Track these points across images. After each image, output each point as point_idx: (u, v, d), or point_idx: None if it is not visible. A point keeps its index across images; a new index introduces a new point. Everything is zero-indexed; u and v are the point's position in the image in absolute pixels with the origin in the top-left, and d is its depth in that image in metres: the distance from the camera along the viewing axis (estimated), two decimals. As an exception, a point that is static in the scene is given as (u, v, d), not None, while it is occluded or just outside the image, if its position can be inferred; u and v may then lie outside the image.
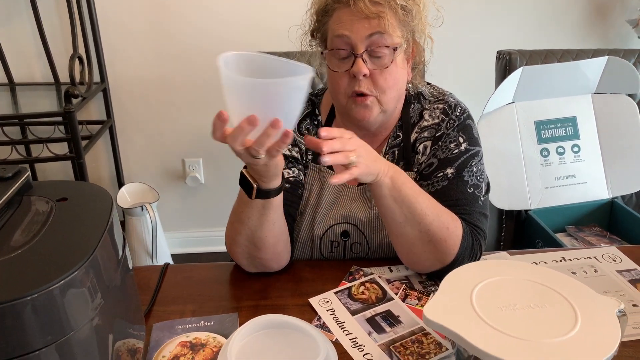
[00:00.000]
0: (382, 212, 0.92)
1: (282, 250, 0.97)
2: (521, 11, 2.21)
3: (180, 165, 2.37)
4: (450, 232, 0.92)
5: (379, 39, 0.92)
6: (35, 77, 2.13)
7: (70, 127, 1.74)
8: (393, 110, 1.01)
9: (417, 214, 0.89)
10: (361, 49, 0.92)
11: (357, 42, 0.92)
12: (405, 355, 0.79)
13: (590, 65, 1.54)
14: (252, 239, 0.92)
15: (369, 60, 0.93)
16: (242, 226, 0.91)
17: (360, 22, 0.91)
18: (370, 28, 0.91)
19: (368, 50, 0.92)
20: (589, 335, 0.64)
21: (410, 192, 0.89)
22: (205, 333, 0.83)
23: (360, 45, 0.92)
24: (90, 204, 0.65)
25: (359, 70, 0.91)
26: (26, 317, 0.49)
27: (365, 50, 0.92)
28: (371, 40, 0.92)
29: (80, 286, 0.53)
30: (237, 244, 0.94)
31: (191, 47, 2.17)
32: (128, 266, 0.70)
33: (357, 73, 0.92)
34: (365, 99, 0.94)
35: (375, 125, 1.02)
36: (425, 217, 0.90)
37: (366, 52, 0.92)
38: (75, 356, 0.55)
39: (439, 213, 0.92)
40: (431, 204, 0.91)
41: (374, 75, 0.93)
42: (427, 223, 0.90)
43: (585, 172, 1.58)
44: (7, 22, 2.04)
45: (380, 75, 0.93)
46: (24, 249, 0.55)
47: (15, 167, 0.67)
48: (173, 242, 2.45)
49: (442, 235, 0.91)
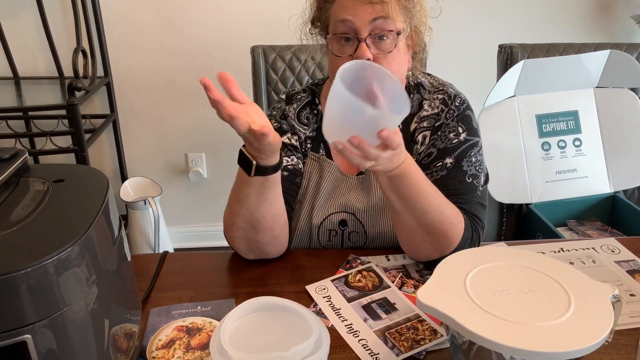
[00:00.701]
0: (384, 195, 0.92)
1: (280, 234, 0.97)
2: (526, 5, 2.21)
3: (183, 160, 2.38)
4: (452, 227, 0.91)
5: (382, 24, 0.92)
6: (39, 71, 2.15)
7: (74, 120, 1.76)
8: None
9: (416, 209, 0.89)
10: (364, 33, 0.92)
11: (361, 27, 0.92)
12: (400, 341, 0.79)
13: (592, 58, 1.53)
14: (250, 220, 0.92)
15: (372, 45, 0.94)
16: (240, 207, 0.91)
17: (363, 7, 0.91)
18: (373, 12, 0.91)
19: (371, 34, 0.93)
20: (582, 320, 0.65)
21: (412, 192, 0.87)
22: (202, 318, 0.83)
23: (363, 30, 0.92)
24: (87, 185, 0.65)
25: (363, 55, 0.92)
26: (21, 290, 0.49)
27: (368, 35, 0.93)
28: (375, 25, 0.92)
29: (73, 262, 0.53)
30: (236, 227, 0.94)
31: (195, 41, 2.18)
32: (124, 249, 0.70)
33: (361, 57, 0.92)
34: None
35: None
36: (425, 213, 0.89)
37: (369, 36, 0.93)
38: (70, 335, 0.56)
39: (444, 210, 0.90)
40: (437, 201, 0.90)
41: (378, 59, 0.94)
42: (428, 218, 0.89)
43: (586, 166, 1.58)
44: (12, 16, 2.06)
45: (384, 60, 0.94)
46: (20, 225, 0.55)
47: (13, 149, 0.67)
48: (175, 236, 2.47)
49: (442, 230, 0.91)
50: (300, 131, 1.07)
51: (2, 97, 1.96)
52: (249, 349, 0.59)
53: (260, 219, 0.92)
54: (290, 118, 1.08)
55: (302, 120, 1.08)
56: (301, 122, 1.08)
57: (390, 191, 0.88)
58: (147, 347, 0.77)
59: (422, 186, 0.88)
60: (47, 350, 0.53)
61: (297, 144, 1.07)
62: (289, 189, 1.03)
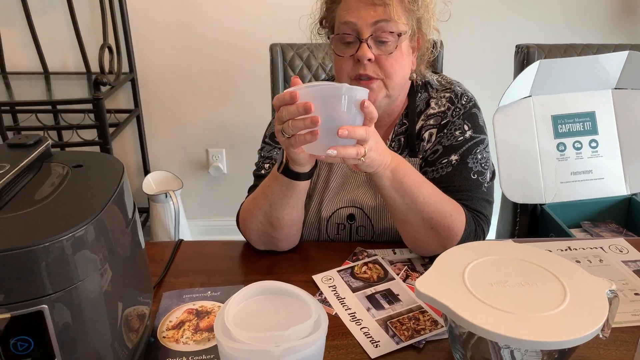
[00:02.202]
0: (385, 200, 0.94)
1: (295, 234, 1.01)
2: (548, 6, 2.20)
3: (204, 155, 2.44)
4: (453, 219, 0.94)
5: (384, 26, 0.94)
6: (68, 67, 2.23)
7: (99, 114, 1.82)
8: (397, 97, 1.03)
9: (419, 203, 0.91)
10: (366, 34, 0.95)
11: (363, 28, 0.95)
12: (401, 330, 0.82)
13: (610, 59, 1.52)
14: (270, 216, 0.96)
15: (374, 46, 0.96)
16: (264, 201, 0.95)
17: (366, 9, 0.94)
18: (375, 15, 0.94)
19: (373, 35, 0.95)
20: (576, 311, 0.66)
21: (412, 184, 0.91)
22: (211, 302, 0.87)
23: (365, 31, 0.95)
24: (103, 171, 0.69)
25: (364, 55, 0.94)
26: (39, 263, 0.53)
27: (370, 36, 0.95)
28: (376, 27, 0.95)
29: (88, 240, 0.57)
30: (254, 219, 0.98)
31: (216, 39, 2.23)
32: (138, 233, 0.74)
33: (362, 57, 0.94)
34: (371, 82, 0.97)
35: (379, 111, 1.05)
36: (427, 205, 0.92)
37: (371, 37, 0.95)
38: (83, 311, 0.59)
39: (442, 201, 0.93)
40: (434, 192, 0.93)
41: (380, 60, 0.96)
42: (430, 211, 0.92)
43: (602, 168, 1.56)
44: (43, 14, 2.14)
45: (386, 61, 0.96)
46: (41, 205, 0.60)
47: (37, 136, 0.72)
48: (195, 229, 2.52)
49: (444, 223, 0.93)
50: None
51: (32, 91, 2.04)
52: (251, 328, 0.62)
53: (279, 219, 0.95)
54: None
55: None
56: None
57: (395, 190, 0.91)
58: (158, 327, 0.81)
59: (419, 176, 0.93)
60: (62, 323, 0.57)
61: None
62: None
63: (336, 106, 0.76)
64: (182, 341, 0.78)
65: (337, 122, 0.76)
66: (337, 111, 0.76)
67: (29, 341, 0.55)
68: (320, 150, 0.79)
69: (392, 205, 0.93)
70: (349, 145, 0.79)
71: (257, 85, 2.27)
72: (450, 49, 1.63)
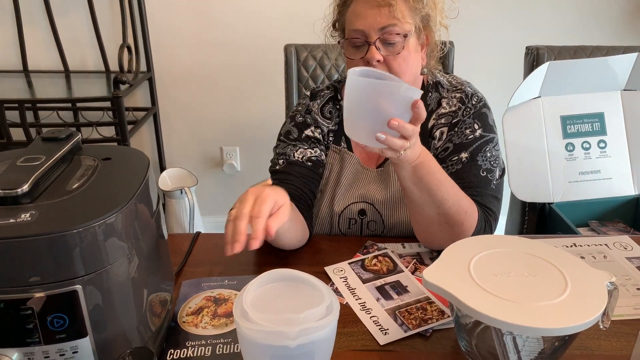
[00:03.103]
0: (402, 188, 0.96)
1: (297, 243, 1.04)
2: (559, 8, 2.21)
3: (219, 153, 2.49)
4: (467, 216, 0.97)
5: (390, 29, 0.99)
6: (88, 66, 2.29)
7: (118, 111, 1.88)
8: None
9: (436, 200, 0.94)
10: (374, 37, 0.99)
11: (370, 32, 0.99)
12: (409, 319, 0.85)
13: (619, 61, 1.55)
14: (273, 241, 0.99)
15: (382, 47, 1.00)
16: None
17: (372, 12, 0.98)
18: (381, 21, 0.98)
19: (380, 38, 0.99)
20: (576, 302, 0.69)
21: (432, 182, 0.92)
22: (228, 290, 0.91)
23: (373, 34, 0.99)
24: (130, 164, 0.74)
25: (372, 57, 0.99)
26: (73, 247, 0.58)
27: (377, 38, 0.99)
28: (383, 31, 0.99)
29: (117, 227, 0.62)
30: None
31: (232, 40, 2.28)
32: (161, 223, 0.79)
33: (371, 59, 0.99)
34: None
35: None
36: (444, 202, 0.94)
37: (379, 39, 0.99)
38: (113, 293, 0.64)
39: (460, 199, 0.96)
40: (453, 191, 0.95)
41: (388, 60, 1.00)
42: (447, 207, 0.95)
43: (611, 168, 1.59)
44: (64, 14, 2.20)
45: (394, 61, 1.00)
46: (73, 194, 0.64)
47: (68, 130, 0.77)
48: (209, 225, 2.57)
49: (459, 219, 0.96)
50: (323, 125, 1.14)
51: (53, 89, 2.11)
52: (267, 312, 0.66)
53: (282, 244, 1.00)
54: (314, 112, 1.16)
55: (325, 115, 1.15)
56: (324, 116, 1.15)
57: (413, 184, 0.93)
58: (179, 313, 0.86)
59: (441, 174, 0.94)
60: (94, 304, 0.62)
61: (320, 136, 1.14)
62: (313, 179, 1.10)
63: (391, 101, 0.81)
64: (201, 326, 0.83)
65: (388, 115, 0.81)
66: (391, 105, 0.81)
67: (64, 318, 0.60)
68: (368, 137, 0.83)
69: (409, 195, 0.96)
70: (396, 137, 0.83)
71: (272, 85, 2.32)
72: (460, 50, 1.66)
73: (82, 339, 0.62)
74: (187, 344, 0.79)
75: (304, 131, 1.14)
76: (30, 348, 0.60)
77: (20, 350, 0.60)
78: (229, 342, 0.79)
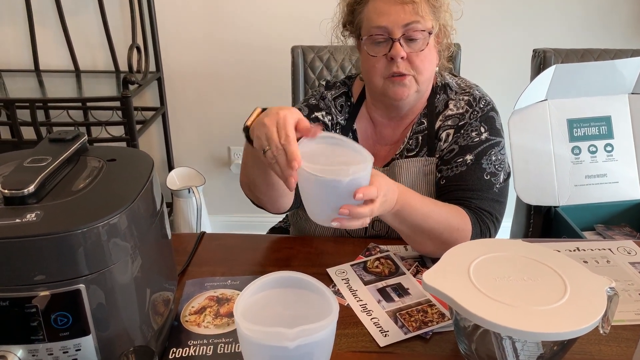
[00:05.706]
0: (394, 228, 0.99)
1: (278, 199, 1.03)
2: (567, 11, 2.20)
3: (226, 153, 2.51)
4: (460, 232, 0.98)
5: (414, 26, 1.00)
6: (98, 66, 2.32)
7: (127, 111, 1.90)
8: (424, 92, 1.09)
9: (425, 230, 0.96)
10: (398, 34, 1.00)
11: (394, 28, 1.00)
12: (409, 322, 0.86)
13: (627, 64, 1.54)
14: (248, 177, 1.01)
15: (405, 44, 1.01)
16: (244, 164, 1.01)
17: (395, 8, 0.99)
18: (405, 17, 0.99)
19: (405, 35, 1.00)
20: (574, 306, 0.69)
21: (419, 217, 0.94)
22: (231, 290, 0.92)
23: (397, 31, 1.00)
24: (135, 165, 0.75)
25: (397, 53, 1.00)
26: (77, 246, 0.59)
27: (402, 35, 1.00)
28: (407, 28, 1.00)
29: (120, 227, 0.63)
30: (243, 175, 1.05)
31: (240, 41, 2.29)
32: (165, 223, 0.80)
33: (396, 56, 1.00)
34: (404, 78, 1.02)
35: (408, 106, 1.10)
36: (434, 230, 0.96)
37: (403, 36, 1.01)
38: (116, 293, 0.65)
39: (449, 220, 0.97)
40: (442, 216, 0.97)
41: (411, 57, 1.02)
42: (437, 233, 0.97)
43: (617, 172, 1.58)
44: (75, 15, 2.23)
45: (417, 58, 1.02)
46: (78, 195, 0.66)
47: (74, 132, 0.78)
48: (216, 224, 2.59)
49: (452, 237, 0.97)
50: (334, 113, 1.16)
51: (64, 89, 2.14)
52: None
53: (256, 183, 1.00)
54: (328, 100, 1.17)
55: (337, 105, 1.17)
56: (336, 106, 1.16)
57: (399, 224, 0.96)
58: (182, 312, 0.87)
59: (425, 207, 0.95)
60: (97, 302, 0.63)
61: (330, 123, 1.15)
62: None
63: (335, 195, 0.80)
64: (203, 325, 0.84)
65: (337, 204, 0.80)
66: (339, 197, 0.80)
67: (68, 316, 0.61)
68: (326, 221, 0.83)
69: (397, 230, 0.99)
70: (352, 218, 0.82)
71: (279, 86, 2.33)
72: (467, 52, 1.66)
73: (85, 337, 0.63)
74: (189, 343, 0.80)
75: (315, 112, 1.15)
76: (34, 345, 0.62)
77: (25, 348, 0.62)
78: (230, 342, 0.80)
